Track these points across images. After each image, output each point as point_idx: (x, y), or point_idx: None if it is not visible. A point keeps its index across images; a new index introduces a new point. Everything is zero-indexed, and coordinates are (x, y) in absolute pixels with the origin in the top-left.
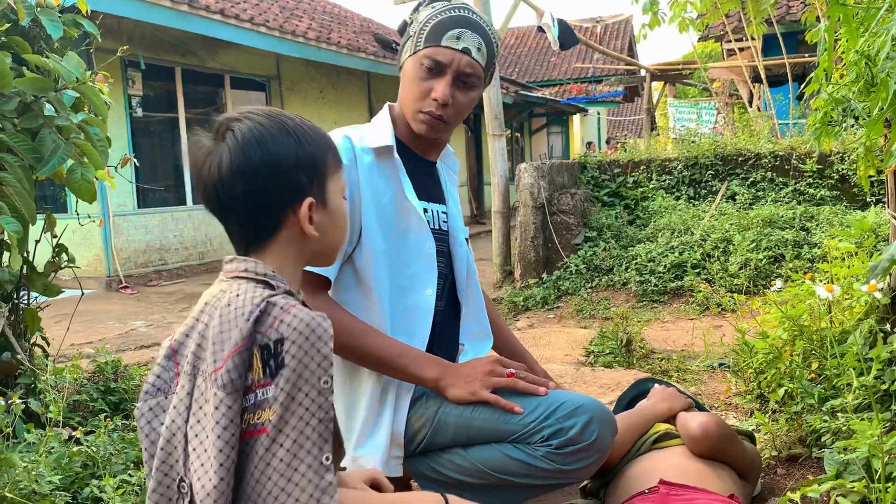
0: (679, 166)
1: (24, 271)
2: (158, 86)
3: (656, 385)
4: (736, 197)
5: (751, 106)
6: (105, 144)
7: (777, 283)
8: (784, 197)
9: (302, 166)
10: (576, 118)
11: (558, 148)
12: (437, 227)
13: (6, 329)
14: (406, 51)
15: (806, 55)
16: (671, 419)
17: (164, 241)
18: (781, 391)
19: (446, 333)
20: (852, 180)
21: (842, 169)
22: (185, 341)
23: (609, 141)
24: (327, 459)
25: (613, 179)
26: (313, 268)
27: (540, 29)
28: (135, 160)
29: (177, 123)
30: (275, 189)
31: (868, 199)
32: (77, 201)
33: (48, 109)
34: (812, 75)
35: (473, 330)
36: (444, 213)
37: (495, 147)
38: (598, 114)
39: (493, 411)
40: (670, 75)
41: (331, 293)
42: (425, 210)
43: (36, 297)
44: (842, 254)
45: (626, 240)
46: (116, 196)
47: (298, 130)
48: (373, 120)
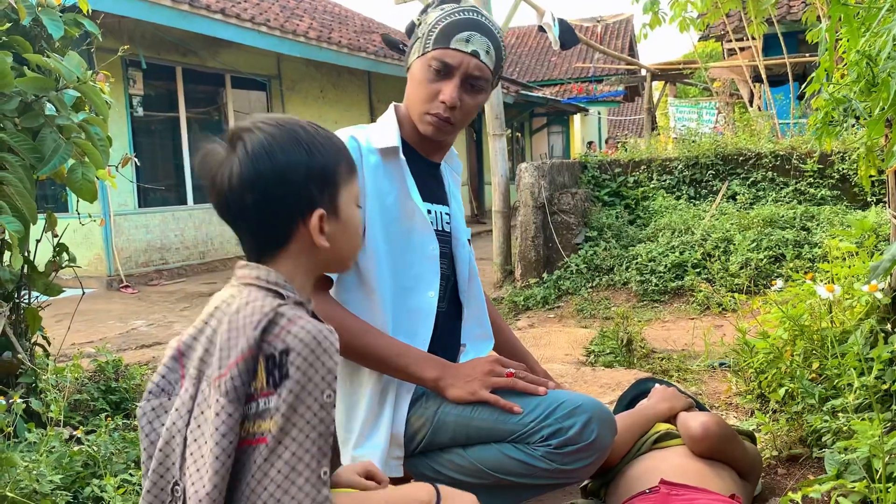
0: (680, 166)
1: (25, 270)
2: (159, 85)
3: (657, 385)
4: (736, 196)
5: (751, 106)
6: (106, 144)
7: (778, 283)
8: (785, 197)
9: (312, 177)
10: (576, 118)
11: (559, 147)
12: (440, 229)
13: (7, 328)
14: (414, 52)
15: (807, 55)
16: (672, 419)
17: (165, 241)
18: (782, 391)
19: (448, 335)
20: (853, 180)
21: (842, 169)
22: (193, 344)
23: (608, 140)
24: (325, 474)
25: (614, 179)
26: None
27: (541, 28)
28: (136, 160)
29: (178, 123)
30: (285, 201)
31: (869, 199)
32: (78, 201)
33: (49, 109)
34: (813, 75)
35: (475, 331)
36: (447, 215)
37: (496, 147)
38: (599, 113)
39: (493, 411)
40: (671, 75)
41: (332, 292)
42: (429, 211)
43: (37, 297)
44: (842, 254)
45: (627, 239)
46: (117, 195)
47: (310, 140)
48: (378, 120)
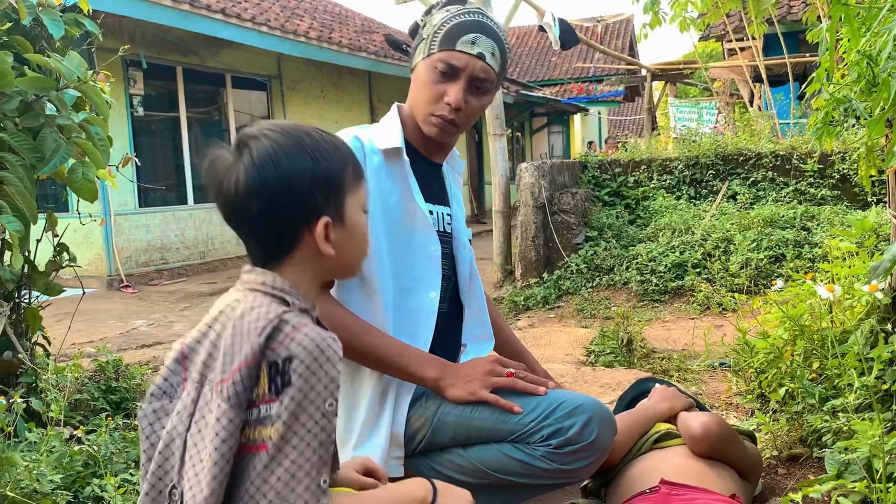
0: (680, 166)
1: (26, 270)
2: (160, 85)
3: (657, 385)
4: (737, 196)
5: (751, 105)
6: (106, 144)
7: (778, 283)
8: (785, 197)
9: (318, 185)
10: (576, 118)
11: (559, 147)
12: (442, 230)
13: (7, 328)
14: (419, 53)
15: (807, 55)
16: (672, 419)
17: (166, 241)
18: (782, 391)
19: (448, 335)
20: (853, 180)
21: (843, 169)
22: (197, 348)
23: (608, 140)
24: (325, 482)
25: (614, 179)
26: None
27: (541, 28)
28: (136, 159)
29: (178, 123)
30: (290, 208)
31: (869, 199)
32: (78, 200)
33: (49, 109)
34: (813, 75)
35: (475, 332)
36: (449, 216)
37: (496, 146)
38: (599, 113)
39: (493, 411)
40: (671, 75)
41: (333, 292)
42: (430, 212)
43: (37, 296)
44: (843, 254)
45: (627, 239)
46: (118, 195)
47: (315, 147)
48: (381, 120)
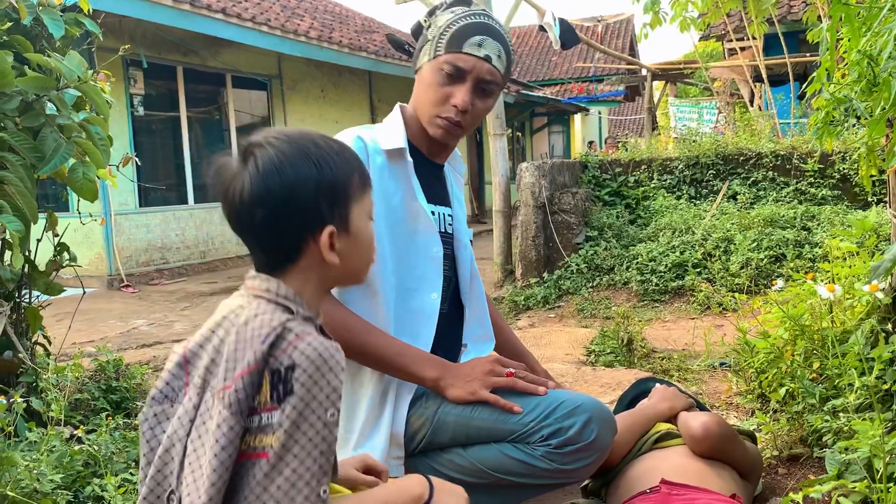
0: (680, 166)
1: (26, 270)
2: (160, 85)
3: (657, 384)
4: (737, 196)
5: (752, 105)
6: (107, 143)
7: (778, 283)
8: (785, 196)
9: (322, 193)
10: (577, 117)
11: (559, 147)
12: (443, 230)
13: (8, 328)
14: (424, 55)
15: (807, 55)
16: (672, 419)
17: (166, 240)
18: (783, 391)
19: (449, 336)
20: (854, 180)
21: (843, 168)
22: (199, 353)
23: (608, 140)
24: (325, 493)
25: (615, 179)
26: None
27: (541, 28)
28: (136, 159)
29: (178, 122)
30: (294, 217)
31: (869, 199)
32: (79, 200)
33: (50, 108)
34: (814, 75)
35: (476, 332)
36: (450, 216)
37: (496, 146)
38: (600, 113)
39: (493, 411)
40: (671, 75)
41: (335, 292)
42: (432, 213)
43: (37, 296)
44: (843, 253)
45: (627, 239)
46: (118, 195)
47: (320, 156)
48: (384, 120)
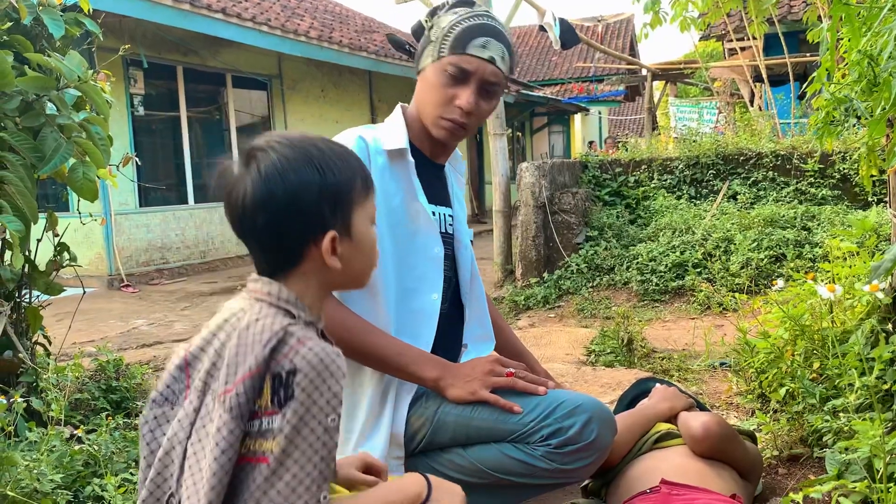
0: (680, 165)
1: (26, 270)
2: (160, 84)
3: (658, 384)
4: (737, 196)
5: (752, 105)
6: (107, 143)
7: (778, 283)
8: (785, 196)
9: (325, 199)
10: (577, 117)
11: (559, 147)
12: (444, 231)
13: (8, 327)
14: (427, 56)
15: (807, 55)
16: (672, 419)
17: (166, 240)
18: (783, 391)
19: (449, 336)
20: (854, 180)
21: (843, 168)
22: (201, 356)
23: (607, 140)
24: (325, 498)
25: (615, 179)
26: None
27: (541, 28)
28: (136, 159)
29: (178, 122)
30: (296, 222)
31: (870, 199)
32: (79, 200)
33: (50, 108)
34: (814, 75)
35: (476, 333)
36: (450, 217)
37: (496, 146)
38: (600, 113)
39: (493, 411)
40: (672, 74)
41: (335, 293)
42: (433, 213)
43: (37, 296)
44: (843, 253)
45: (628, 239)
46: (118, 195)
47: (323, 161)
48: (386, 120)
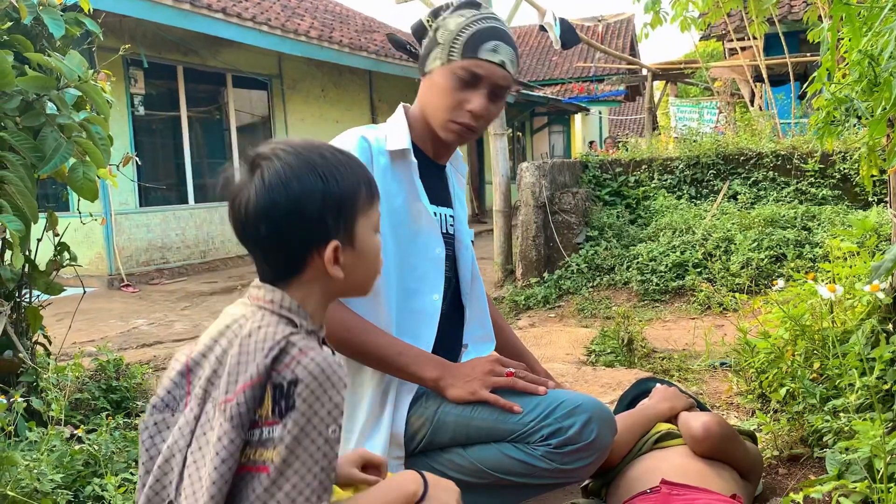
0: (681, 165)
1: (26, 269)
2: (160, 84)
3: (658, 384)
4: (737, 196)
5: (752, 105)
6: (107, 143)
7: (779, 283)
8: (786, 196)
9: (328, 208)
10: (577, 117)
11: (560, 147)
12: (444, 231)
13: (8, 327)
14: (435, 58)
15: (808, 54)
16: (673, 419)
17: (166, 240)
18: (783, 391)
19: (450, 336)
20: (854, 180)
21: (844, 168)
22: (202, 362)
23: (607, 139)
24: None
25: (615, 179)
26: None
27: (542, 28)
28: (137, 159)
29: (179, 122)
30: (299, 231)
31: (870, 199)
32: (79, 200)
33: (50, 108)
34: (814, 75)
35: (477, 333)
36: (451, 217)
37: (497, 146)
38: (600, 113)
39: (493, 411)
40: (672, 74)
41: None
42: (434, 214)
43: (38, 296)
44: (844, 253)
45: (628, 239)
46: (118, 194)
47: (327, 169)
48: (388, 121)
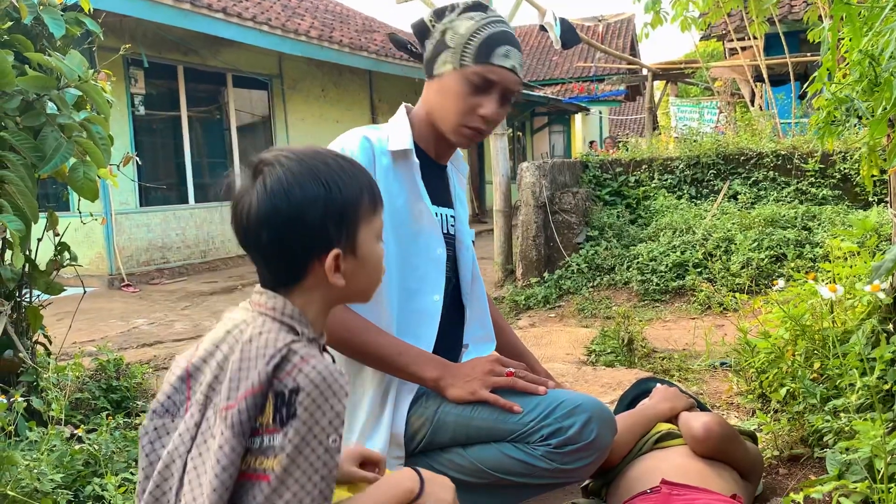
0: (681, 165)
1: (27, 269)
2: (161, 84)
3: (658, 384)
4: (738, 196)
5: (753, 105)
6: (107, 143)
7: (779, 283)
8: (786, 196)
9: (330, 216)
10: (577, 117)
11: (560, 147)
12: (446, 232)
13: (8, 327)
14: (446, 62)
15: (808, 54)
16: (673, 419)
17: (166, 240)
18: (783, 391)
19: (450, 336)
20: (855, 180)
21: (844, 168)
22: (202, 367)
23: (606, 139)
24: None
25: (615, 178)
26: None
27: (542, 28)
28: (137, 158)
29: (179, 122)
30: (300, 239)
31: (870, 199)
32: (79, 199)
33: (50, 108)
34: (815, 74)
35: (477, 333)
36: (452, 217)
37: (497, 146)
38: (600, 113)
39: (493, 410)
40: (672, 74)
41: None
42: (435, 214)
43: (38, 295)
44: (844, 253)
45: (628, 239)
46: (119, 194)
47: (330, 177)
48: (390, 121)
